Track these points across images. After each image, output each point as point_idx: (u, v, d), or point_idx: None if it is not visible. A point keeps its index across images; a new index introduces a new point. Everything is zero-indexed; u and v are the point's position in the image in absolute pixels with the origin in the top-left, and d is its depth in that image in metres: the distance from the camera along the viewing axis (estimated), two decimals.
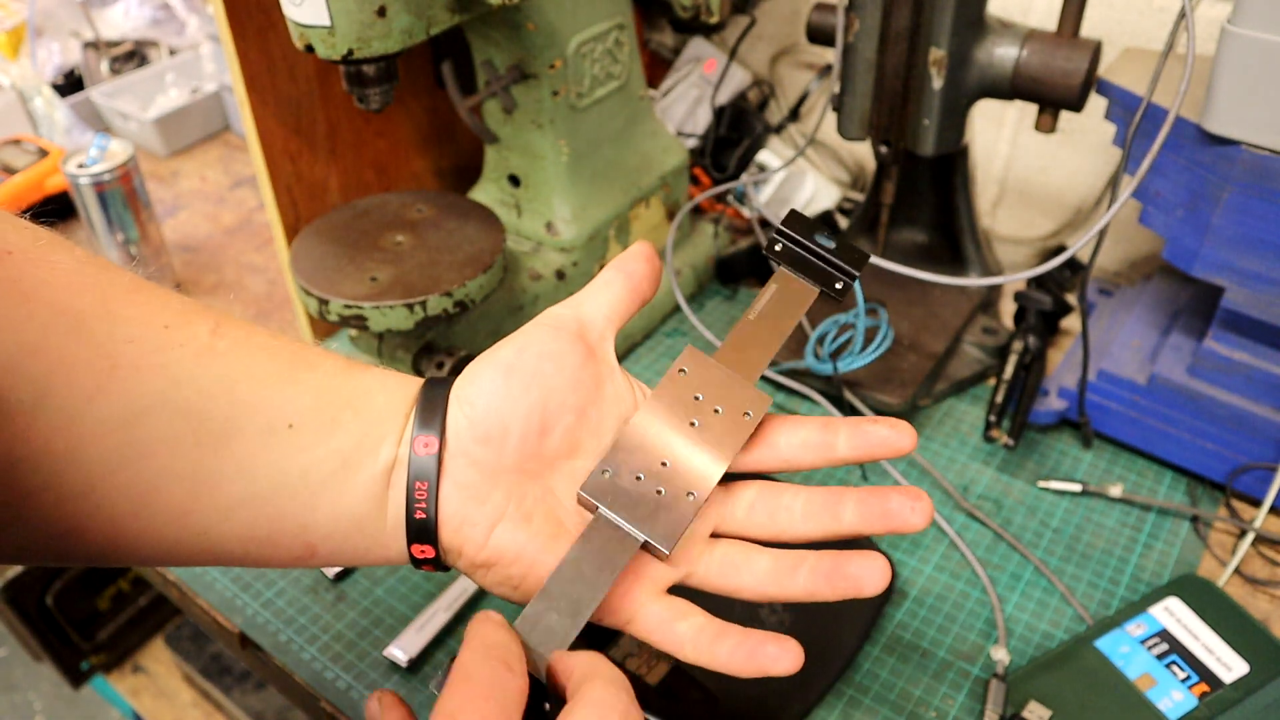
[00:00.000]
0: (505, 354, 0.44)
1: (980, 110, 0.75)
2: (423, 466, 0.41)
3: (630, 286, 0.47)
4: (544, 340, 0.44)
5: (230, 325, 0.42)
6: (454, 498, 0.42)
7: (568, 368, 0.44)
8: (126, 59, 1.23)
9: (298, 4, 0.56)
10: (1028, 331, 0.73)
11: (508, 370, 0.43)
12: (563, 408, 0.43)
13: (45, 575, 1.35)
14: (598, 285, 0.47)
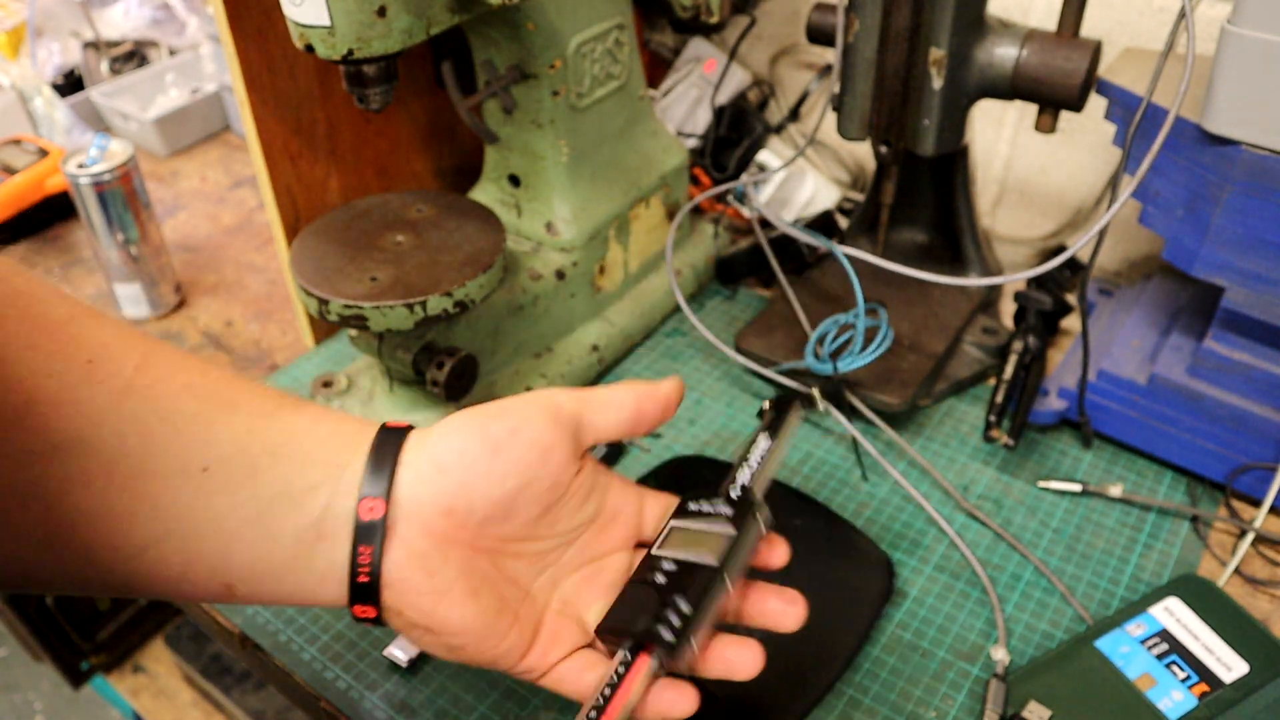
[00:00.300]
0: (496, 430, 0.43)
1: (980, 110, 0.75)
2: (368, 531, 0.41)
3: (637, 418, 0.47)
4: (539, 429, 0.44)
5: (158, 359, 0.41)
6: (402, 564, 0.41)
7: (553, 464, 0.44)
8: (126, 59, 1.23)
9: (298, 4, 0.56)
10: (1028, 331, 0.73)
11: (495, 449, 0.43)
12: (533, 500, 0.44)
13: None
14: (610, 399, 0.47)
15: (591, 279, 0.79)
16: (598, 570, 0.48)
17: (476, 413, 0.44)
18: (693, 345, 0.83)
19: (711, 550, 0.45)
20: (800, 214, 0.96)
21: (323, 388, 0.73)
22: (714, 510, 0.48)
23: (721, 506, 0.48)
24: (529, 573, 0.46)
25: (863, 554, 0.63)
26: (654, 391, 0.48)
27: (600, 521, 0.48)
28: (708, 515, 0.48)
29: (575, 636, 0.46)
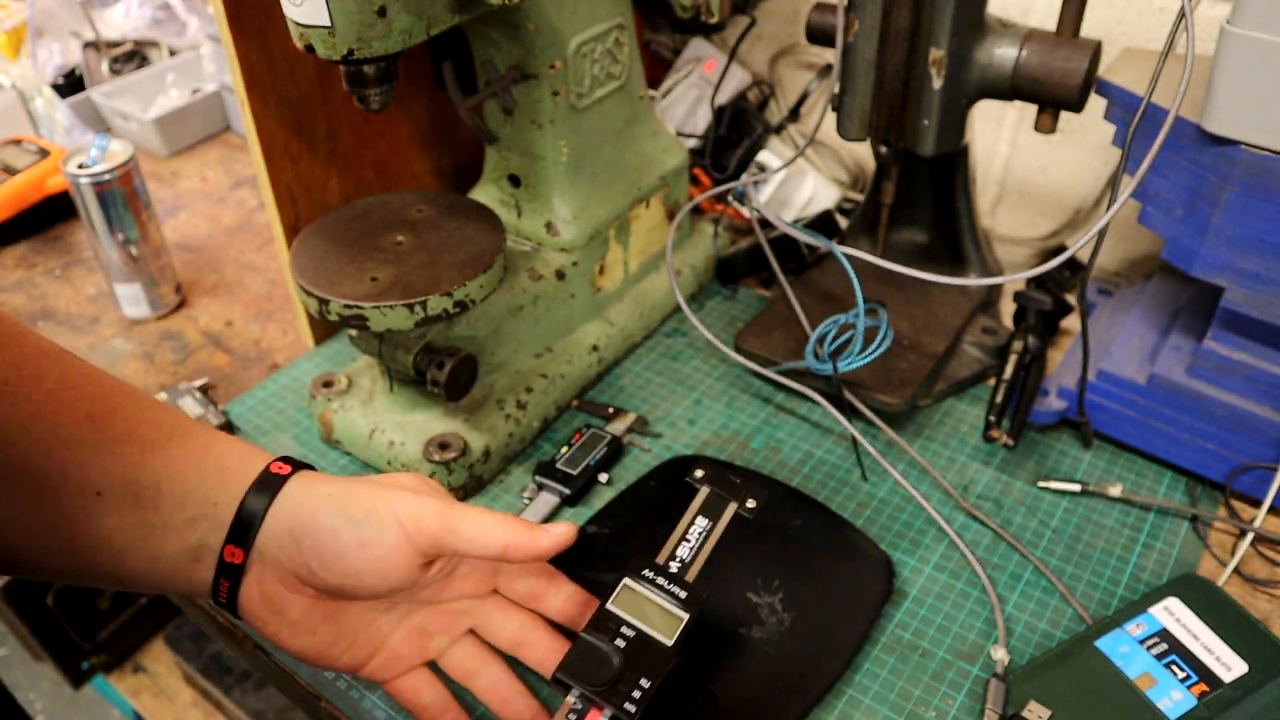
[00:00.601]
0: (348, 537, 0.48)
1: (980, 110, 0.75)
2: (229, 570, 0.47)
3: (501, 556, 0.51)
4: (388, 548, 0.48)
5: (70, 384, 0.46)
6: (254, 599, 0.49)
7: (393, 577, 0.49)
8: (127, 59, 1.23)
9: (298, 4, 0.56)
10: (1027, 331, 0.73)
11: (340, 553, 0.48)
12: (374, 593, 0.50)
13: None
14: (479, 535, 0.50)
15: (591, 279, 0.79)
16: (450, 610, 0.55)
17: (347, 500, 0.49)
18: (693, 345, 0.83)
19: (667, 631, 0.50)
20: (800, 214, 0.96)
21: (323, 388, 0.73)
22: (667, 586, 0.52)
23: (674, 586, 0.52)
24: (374, 610, 0.52)
25: (862, 554, 0.63)
26: (531, 540, 0.50)
27: (454, 577, 0.54)
28: (660, 588, 0.52)
29: (415, 658, 0.53)
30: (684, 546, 0.57)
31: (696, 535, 0.57)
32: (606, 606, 0.50)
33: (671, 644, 0.49)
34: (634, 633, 0.49)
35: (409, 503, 0.49)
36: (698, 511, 0.59)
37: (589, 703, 0.47)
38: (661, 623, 0.50)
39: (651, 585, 0.52)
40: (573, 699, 0.48)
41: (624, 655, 0.48)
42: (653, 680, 0.47)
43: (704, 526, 0.58)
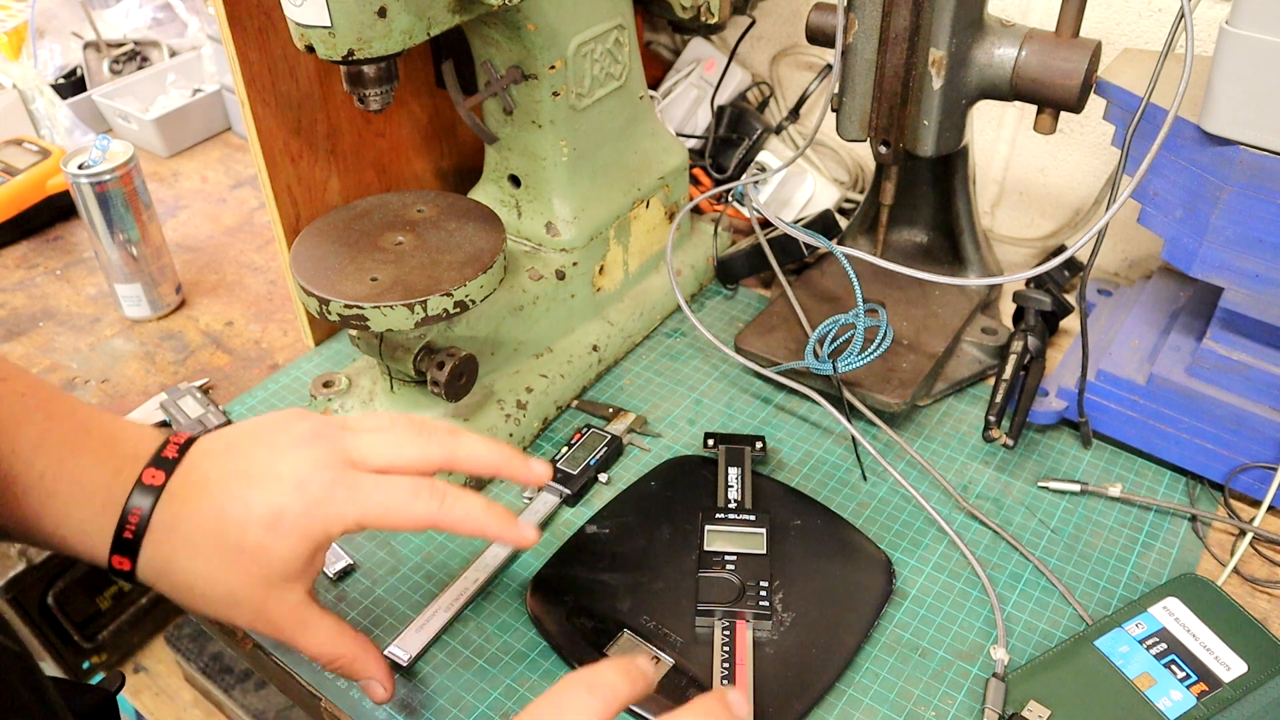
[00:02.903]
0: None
1: (980, 111, 0.75)
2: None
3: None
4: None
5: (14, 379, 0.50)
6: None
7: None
8: (127, 59, 1.23)
9: (298, 4, 0.56)
10: (1027, 332, 0.73)
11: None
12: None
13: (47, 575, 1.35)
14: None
15: (591, 279, 0.79)
16: None
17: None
18: (693, 345, 0.84)
19: (758, 546, 0.62)
20: (800, 214, 0.96)
21: (323, 388, 0.73)
22: (738, 516, 0.64)
23: (742, 514, 0.64)
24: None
25: (862, 554, 0.63)
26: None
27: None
28: (734, 520, 0.64)
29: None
30: (731, 490, 0.66)
31: (735, 479, 0.67)
32: (705, 549, 0.62)
33: (765, 553, 0.61)
34: (735, 557, 0.61)
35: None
36: (727, 463, 0.68)
37: (731, 617, 0.58)
38: (750, 542, 0.62)
39: (726, 521, 0.64)
40: (719, 622, 0.58)
41: (737, 574, 0.60)
42: (768, 581, 0.60)
43: (736, 473, 0.68)
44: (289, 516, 0.47)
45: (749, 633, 0.57)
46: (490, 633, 0.61)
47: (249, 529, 0.47)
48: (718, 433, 0.72)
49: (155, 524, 0.47)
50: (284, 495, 0.48)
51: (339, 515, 0.48)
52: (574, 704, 0.41)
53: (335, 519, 0.48)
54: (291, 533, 0.47)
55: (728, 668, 0.55)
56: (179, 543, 0.48)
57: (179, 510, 0.48)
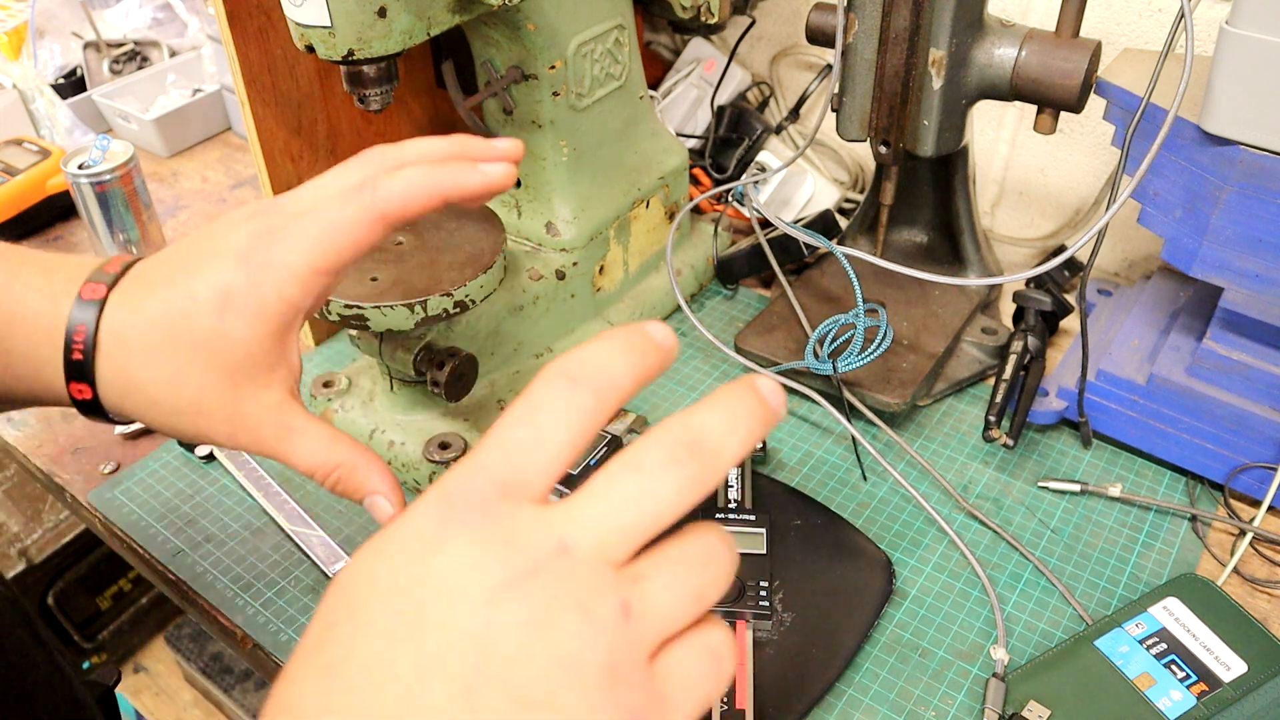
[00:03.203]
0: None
1: (980, 111, 0.75)
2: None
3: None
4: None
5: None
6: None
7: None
8: (127, 59, 1.23)
9: (298, 4, 0.56)
10: (1027, 331, 0.73)
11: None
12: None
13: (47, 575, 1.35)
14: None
15: (591, 279, 0.79)
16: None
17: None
18: (693, 345, 0.84)
19: (757, 546, 0.62)
20: (800, 214, 0.96)
21: (323, 388, 0.73)
22: (737, 516, 0.64)
23: (741, 514, 0.64)
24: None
25: (862, 554, 0.63)
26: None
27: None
28: (733, 520, 0.64)
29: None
30: (731, 490, 0.66)
31: (735, 479, 0.67)
32: None
33: (765, 553, 0.61)
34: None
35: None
36: None
37: (731, 617, 0.58)
38: (750, 542, 0.62)
39: (726, 521, 0.64)
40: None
41: (737, 574, 0.58)
42: (768, 581, 0.60)
43: (736, 473, 0.67)
44: (237, 291, 0.42)
45: (749, 633, 0.57)
46: None
47: (198, 317, 0.43)
48: None
49: (104, 338, 0.43)
50: (226, 271, 0.43)
51: (287, 269, 0.43)
52: (552, 404, 0.31)
53: (287, 278, 0.43)
54: (244, 309, 0.43)
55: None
56: (132, 353, 0.43)
57: (125, 318, 0.43)
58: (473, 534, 0.29)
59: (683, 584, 0.30)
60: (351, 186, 0.43)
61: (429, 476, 0.68)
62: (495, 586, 0.28)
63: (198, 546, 0.67)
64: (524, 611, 0.28)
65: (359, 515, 0.69)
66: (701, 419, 0.31)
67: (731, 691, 0.54)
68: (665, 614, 0.30)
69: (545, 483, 0.30)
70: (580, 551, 0.29)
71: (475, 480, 0.30)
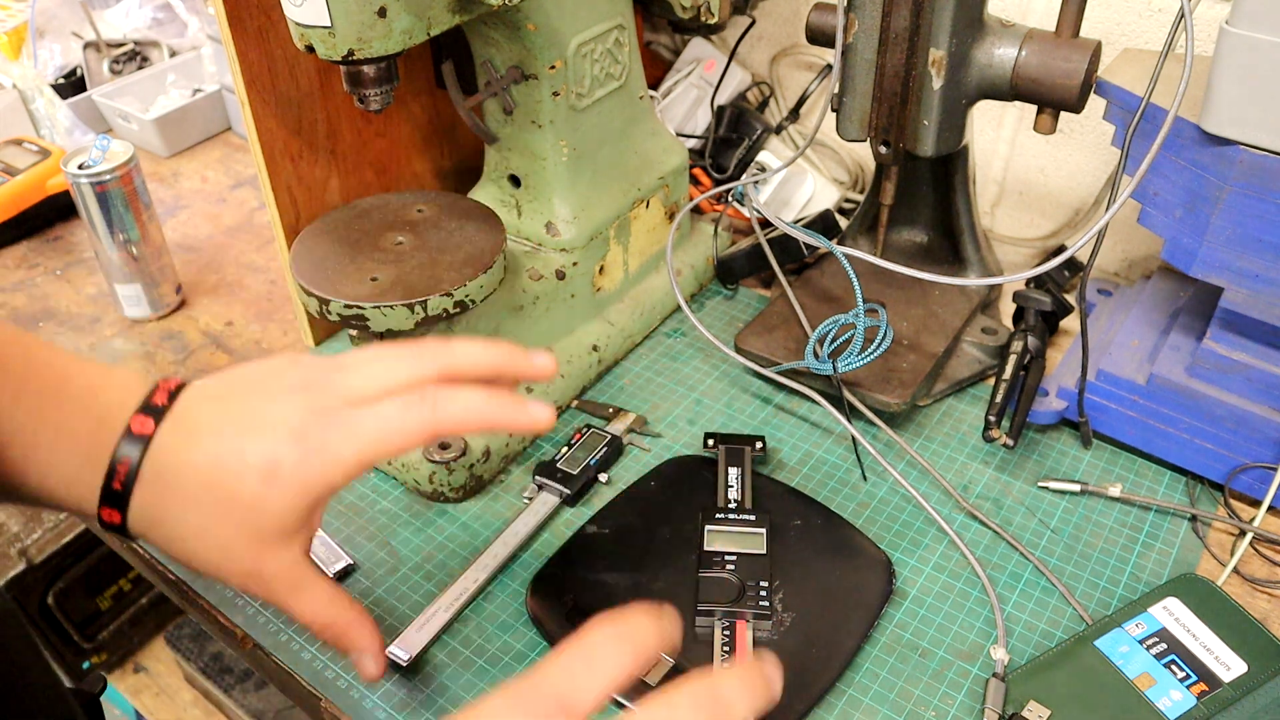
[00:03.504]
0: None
1: (980, 111, 0.75)
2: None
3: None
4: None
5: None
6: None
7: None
8: (127, 59, 1.23)
9: (298, 4, 0.56)
10: (1027, 331, 0.73)
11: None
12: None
13: (47, 575, 1.35)
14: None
15: (591, 279, 0.79)
16: None
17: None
18: (693, 345, 0.84)
19: (758, 546, 0.62)
20: (800, 214, 0.96)
21: None
22: (738, 517, 0.64)
23: (742, 514, 0.64)
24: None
25: (862, 554, 0.63)
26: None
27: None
28: (734, 520, 0.64)
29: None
30: (731, 490, 0.67)
31: (735, 479, 0.67)
32: (704, 549, 0.62)
33: (765, 553, 0.62)
34: (734, 557, 0.61)
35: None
36: (727, 463, 0.69)
37: (731, 617, 0.58)
38: (750, 542, 0.62)
39: (726, 521, 0.64)
40: (719, 622, 0.58)
41: (737, 574, 0.60)
42: (768, 581, 0.60)
43: (736, 473, 0.68)
44: (286, 466, 0.45)
45: (749, 633, 0.57)
46: (490, 633, 0.61)
47: (245, 480, 0.45)
48: (718, 433, 0.72)
49: (145, 474, 0.45)
50: (280, 444, 0.45)
51: (337, 459, 0.45)
52: (605, 655, 0.38)
53: (334, 464, 0.45)
54: (290, 484, 0.45)
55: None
56: (171, 494, 0.45)
57: (170, 459, 0.45)
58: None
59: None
60: (412, 399, 0.46)
61: (429, 476, 0.68)
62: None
63: None
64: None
65: (359, 515, 0.69)
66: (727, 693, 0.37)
67: None
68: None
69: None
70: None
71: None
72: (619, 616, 0.39)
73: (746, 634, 0.57)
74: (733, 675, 0.37)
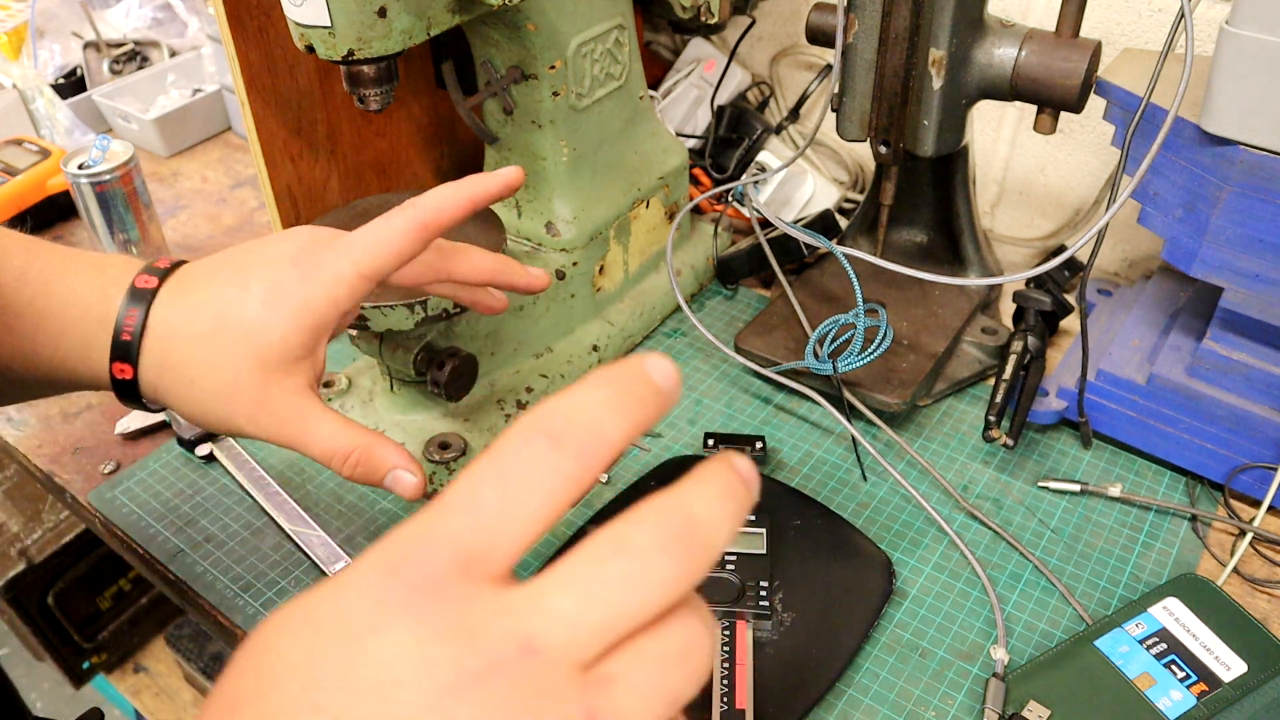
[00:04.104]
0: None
1: (980, 111, 0.75)
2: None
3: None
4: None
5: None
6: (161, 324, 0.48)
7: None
8: (127, 59, 1.23)
9: (298, 4, 0.56)
10: (1027, 331, 0.73)
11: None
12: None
13: (47, 575, 1.35)
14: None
15: (591, 279, 0.79)
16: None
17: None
18: (693, 345, 0.84)
19: (758, 546, 0.62)
20: (800, 214, 0.96)
21: (323, 388, 0.73)
22: None
23: None
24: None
25: (862, 554, 0.63)
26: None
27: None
28: None
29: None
30: None
31: None
32: None
33: (765, 553, 0.62)
34: (734, 557, 0.62)
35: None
36: None
37: (731, 618, 0.58)
38: (750, 542, 0.62)
39: None
40: (718, 623, 0.58)
41: (737, 575, 0.60)
42: (768, 581, 0.60)
43: None
44: (286, 287, 0.46)
45: (749, 633, 0.57)
46: None
47: (246, 306, 0.46)
48: (718, 433, 0.72)
49: (153, 323, 0.47)
50: (280, 270, 0.47)
51: (335, 273, 0.47)
52: (528, 466, 0.26)
53: (333, 280, 0.47)
54: (290, 303, 0.46)
55: (728, 668, 0.55)
56: (177, 338, 0.47)
57: (175, 305, 0.47)
58: (421, 619, 0.24)
59: (657, 687, 0.26)
60: (399, 209, 0.48)
61: (429, 476, 0.68)
62: (442, 688, 0.23)
63: (198, 546, 0.67)
64: (475, 717, 0.23)
65: (359, 515, 0.69)
66: (695, 500, 0.26)
67: (732, 691, 0.54)
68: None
69: (510, 559, 0.26)
70: (548, 652, 0.24)
71: (429, 550, 0.25)
72: (556, 403, 0.27)
73: (746, 634, 0.57)
74: (703, 486, 0.26)
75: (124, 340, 0.47)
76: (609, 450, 0.26)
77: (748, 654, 0.56)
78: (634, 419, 0.27)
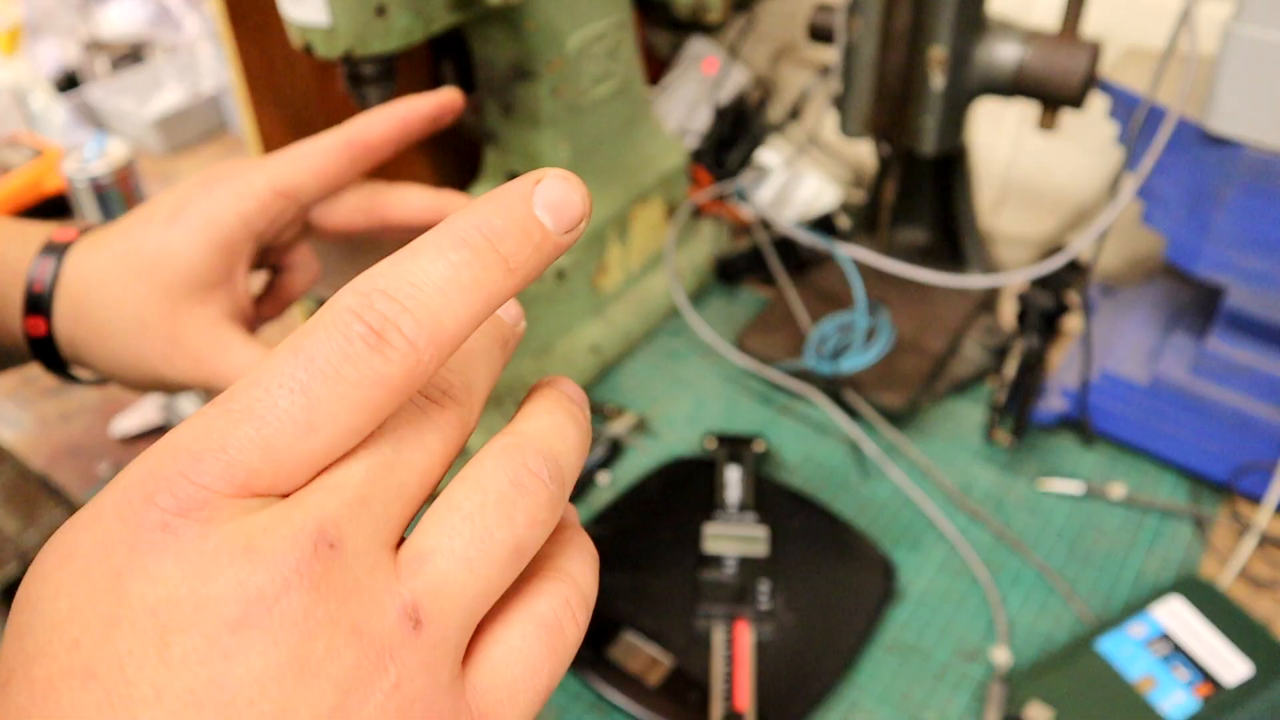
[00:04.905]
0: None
1: (981, 109, 0.75)
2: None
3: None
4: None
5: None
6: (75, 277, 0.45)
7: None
8: (125, 58, 1.22)
9: (297, 3, 0.55)
10: (1029, 331, 0.73)
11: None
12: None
13: None
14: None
15: (591, 279, 0.79)
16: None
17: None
18: (693, 345, 0.83)
19: (760, 547, 0.62)
20: (801, 214, 0.96)
21: None
22: (739, 516, 0.64)
23: (744, 514, 0.64)
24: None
25: (863, 555, 0.63)
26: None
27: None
28: (735, 520, 0.63)
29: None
30: (731, 490, 0.66)
31: (735, 479, 0.67)
32: (705, 550, 0.62)
33: (765, 554, 0.61)
34: (735, 558, 0.61)
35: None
36: (727, 464, 0.68)
37: (732, 618, 0.58)
38: (750, 543, 0.62)
39: (726, 522, 0.63)
40: (719, 624, 0.58)
41: (737, 575, 0.60)
42: (768, 582, 0.60)
43: (736, 473, 0.67)
44: (191, 203, 0.44)
45: (749, 634, 0.57)
46: None
47: (150, 230, 0.43)
48: (718, 433, 0.72)
49: (65, 273, 0.44)
50: (187, 190, 0.45)
51: (246, 183, 0.44)
52: (336, 362, 0.21)
53: (244, 191, 0.44)
54: (194, 218, 0.43)
55: (728, 669, 0.55)
56: (89, 282, 0.44)
57: (88, 254, 0.44)
58: (187, 549, 0.19)
59: (483, 543, 0.21)
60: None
61: None
62: (226, 624, 0.19)
63: None
64: (275, 651, 0.19)
65: None
66: (544, 432, 0.24)
67: (732, 692, 0.54)
68: (468, 605, 0.21)
69: (302, 479, 0.21)
70: (348, 541, 0.20)
71: (200, 465, 0.20)
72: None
73: (747, 635, 0.57)
74: (557, 414, 0.24)
75: (35, 293, 0.44)
76: (450, 344, 0.21)
77: (748, 655, 0.56)
78: (488, 294, 0.22)
